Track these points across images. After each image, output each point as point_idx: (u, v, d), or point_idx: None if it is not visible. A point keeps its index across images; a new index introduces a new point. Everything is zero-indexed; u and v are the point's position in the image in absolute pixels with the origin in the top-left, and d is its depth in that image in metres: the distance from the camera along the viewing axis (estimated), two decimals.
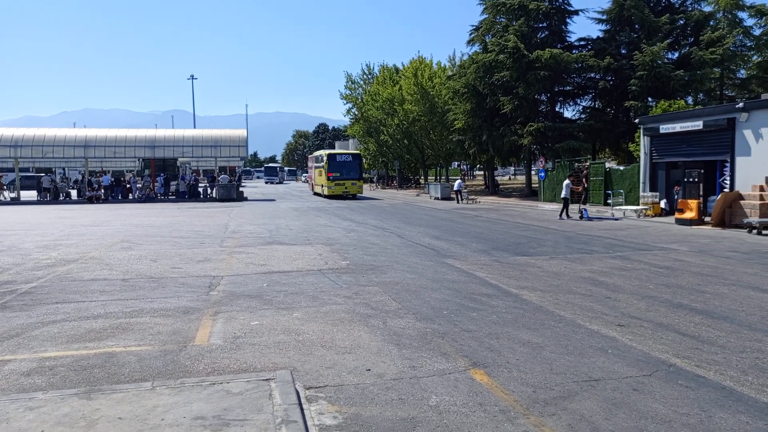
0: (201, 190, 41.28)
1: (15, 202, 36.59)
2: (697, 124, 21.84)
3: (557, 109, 38.63)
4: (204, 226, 19.78)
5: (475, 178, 73.94)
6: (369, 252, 13.49)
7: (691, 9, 35.42)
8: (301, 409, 4.46)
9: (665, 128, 23.52)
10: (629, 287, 9.39)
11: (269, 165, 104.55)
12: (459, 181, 38.50)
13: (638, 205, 24.17)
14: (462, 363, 5.74)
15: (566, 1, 37.47)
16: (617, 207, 24.55)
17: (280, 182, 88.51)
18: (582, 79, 37.72)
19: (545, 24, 37.43)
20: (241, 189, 41.20)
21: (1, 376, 5.38)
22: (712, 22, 34.64)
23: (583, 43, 38.04)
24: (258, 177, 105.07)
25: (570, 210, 23.23)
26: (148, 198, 38.38)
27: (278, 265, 11.65)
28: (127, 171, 59.87)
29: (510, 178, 76.21)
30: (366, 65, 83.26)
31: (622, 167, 29.32)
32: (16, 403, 4.54)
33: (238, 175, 57.54)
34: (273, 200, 38.41)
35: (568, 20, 37.79)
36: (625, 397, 4.89)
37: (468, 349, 6.16)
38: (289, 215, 24.93)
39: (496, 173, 52.10)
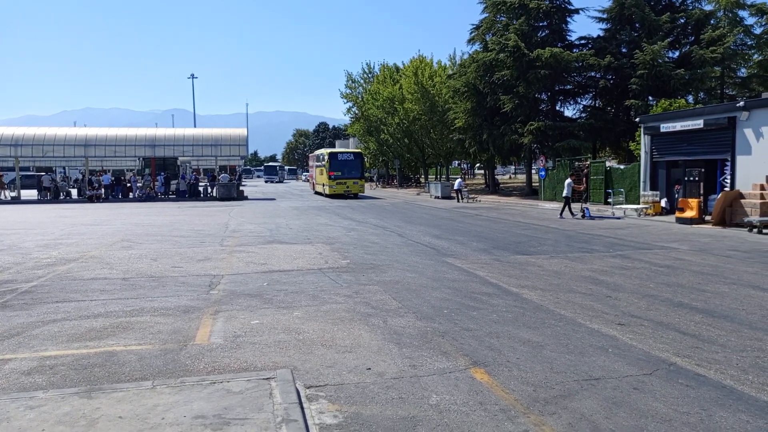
0: (201, 189, 41.28)
1: (15, 201, 36.60)
2: (698, 123, 21.83)
3: (558, 108, 38.62)
4: (204, 225, 19.78)
5: (476, 177, 73.92)
6: (369, 251, 13.49)
7: (691, 8, 35.40)
8: (302, 408, 4.46)
9: (666, 127, 23.51)
10: (630, 286, 9.39)
11: (268, 164, 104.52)
12: (459, 180, 38.51)
13: (639, 204, 24.16)
14: (462, 362, 5.74)
15: (567, 0, 37.45)
16: (618, 206, 24.53)
17: (279, 181, 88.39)
18: (582, 77, 37.70)
19: (546, 23, 37.40)
20: (241, 188, 41.19)
21: (2, 375, 5.38)
22: (712, 21, 34.61)
23: (583, 41, 38.04)
24: (258, 176, 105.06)
25: (573, 209, 23.20)
26: (148, 197, 38.38)
27: (278, 264, 11.65)
28: (127, 170, 59.86)
29: (510, 177, 76.23)
30: (366, 64, 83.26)
31: (622, 166, 29.30)
32: (16, 402, 4.54)
33: (238, 174, 57.53)
34: (273, 199, 38.41)
35: (568, 19, 37.79)
36: (625, 396, 4.89)
37: (468, 348, 6.16)
38: (290, 214, 24.93)
39: (496, 172, 52.09)
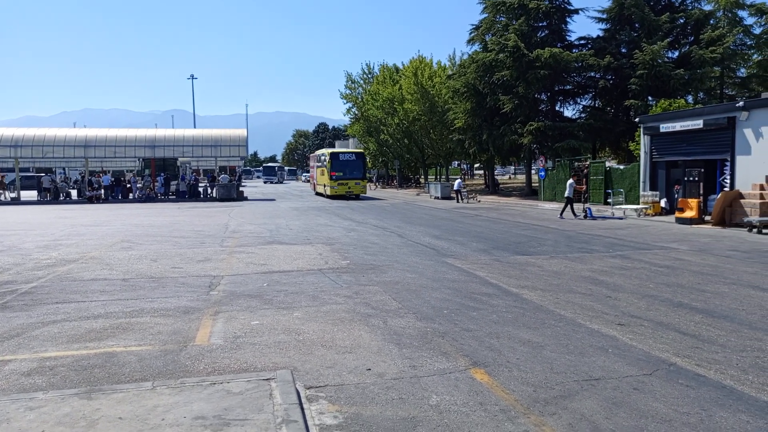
0: (201, 189, 41.29)
1: (15, 202, 36.59)
2: (698, 123, 21.83)
3: (557, 108, 38.64)
4: (204, 226, 19.78)
5: (474, 177, 73.93)
6: (369, 251, 13.49)
7: (691, 8, 35.42)
8: (302, 409, 4.46)
9: (665, 127, 23.52)
10: (629, 286, 9.39)
11: (267, 165, 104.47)
12: (459, 180, 38.49)
13: (638, 204, 24.16)
14: (462, 362, 5.74)
15: (566, 0, 37.47)
16: (617, 206, 24.53)
17: (279, 182, 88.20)
18: (582, 78, 37.72)
19: (545, 23, 37.42)
20: (241, 189, 41.21)
21: (2, 376, 5.38)
22: (712, 21, 34.65)
23: (583, 42, 38.05)
24: (258, 177, 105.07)
25: (575, 209, 23.17)
26: (148, 198, 38.38)
27: (278, 264, 11.65)
28: (127, 171, 59.88)
29: (510, 178, 76.20)
30: (366, 65, 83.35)
31: (622, 166, 29.31)
32: (16, 403, 4.54)
33: (238, 174, 57.56)
34: (273, 200, 38.41)
35: (568, 19, 37.80)
36: (625, 396, 4.89)
37: (468, 349, 6.16)
38: (289, 215, 24.93)
39: (495, 172, 52.09)
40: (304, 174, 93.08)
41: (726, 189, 20.26)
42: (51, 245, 14.85)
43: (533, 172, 42.41)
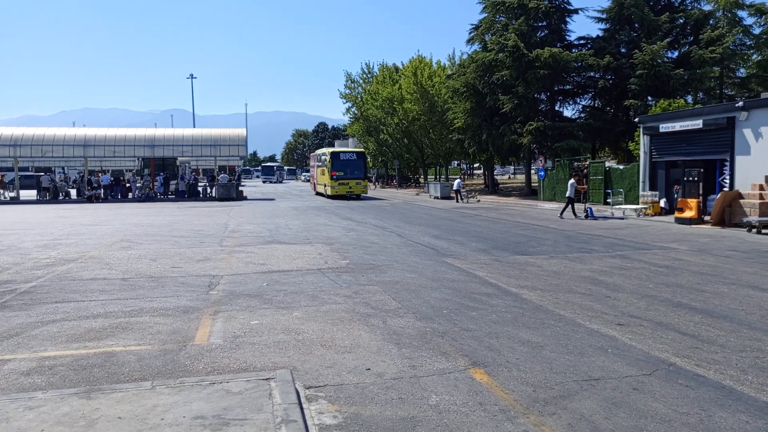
0: (200, 189, 41.26)
1: (14, 201, 36.58)
2: (697, 123, 21.84)
3: (557, 108, 38.63)
4: (203, 226, 19.78)
5: (474, 177, 73.92)
6: (369, 251, 13.48)
7: (690, 8, 35.41)
8: (301, 409, 4.46)
9: (665, 127, 23.52)
10: (629, 286, 9.39)
11: (266, 164, 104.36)
12: (458, 180, 38.49)
13: (638, 204, 24.17)
14: (462, 362, 5.74)
15: (566, 0, 37.46)
16: (617, 206, 24.55)
17: (277, 181, 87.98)
18: (582, 78, 37.71)
19: (545, 23, 37.41)
20: (240, 188, 41.18)
21: (1, 376, 5.38)
22: (711, 21, 34.64)
23: (582, 42, 38.04)
24: (258, 176, 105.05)
25: (576, 209, 23.17)
26: (147, 197, 38.35)
27: (278, 264, 11.65)
28: (126, 170, 59.82)
29: (509, 177, 76.19)
30: (366, 64, 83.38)
31: (621, 166, 29.31)
32: (15, 403, 4.54)
33: (237, 174, 57.54)
34: (273, 200, 38.39)
35: (567, 19, 37.78)
36: (625, 396, 4.89)
37: (468, 349, 6.16)
38: (289, 214, 24.93)
39: (495, 172, 52.08)
40: (304, 174, 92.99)
41: (725, 189, 20.27)
42: (50, 245, 14.84)
43: (533, 172, 42.39)
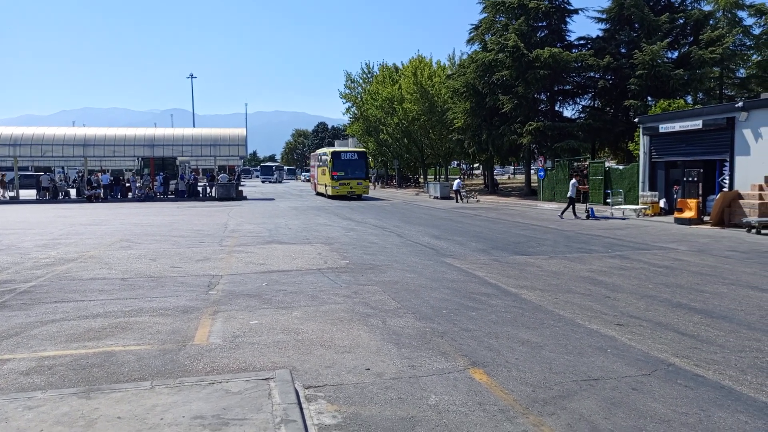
0: (200, 189, 41.24)
1: (14, 200, 36.56)
2: (697, 124, 21.84)
3: (557, 109, 38.64)
4: (203, 225, 19.77)
5: (474, 177, 73.92)
6: (368, 251, 13.49)
7: (690, 8, 35.43)
8: (301, 409, 4.46)
9: (665, 127, 23.53)
10: (628, 286, 9.40)
11: (265, 164, 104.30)
12: (458, 180, 38.48)
13: (637, 204, 24.17)
14: (461, 362, 5.74)
15: (566, 0, 37.47)
16: (616, 206, 24.55)
17: (277, 181, 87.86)
18: (581, 78, 37.72)
19: (545, 23, 37.42)
20: (240, 188, 41.18)
21: (0, 376, 5.37)
22: (711, 22, 34.65)
23: (582, 42, 38.06)
24: (257, 176, 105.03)
25: (577, 209, 23.16)
26: (147, 197, 38.35)
27: (277, 264, 11.65)
28: (126, 170, 59.80)
29: (509, 177, 76.18)
30: (365, 64, 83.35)
31: (621, 166, 29.32)
32: (15, 403, 4.54)
33: (237, 174, 57.53)
34: (272, 199, 38.39)
35: (567, 19, 37.80)
36: (624, 396, 4.89)
37: (467, 349, 6.16)
38: (289, 214, 24.93)
39: (495, 172, 52.08)
40: (304, 173, 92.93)
41: (725, 189, 20.28)
42: (50, 244, 14.83)
43: (532, 172, 42.38)
